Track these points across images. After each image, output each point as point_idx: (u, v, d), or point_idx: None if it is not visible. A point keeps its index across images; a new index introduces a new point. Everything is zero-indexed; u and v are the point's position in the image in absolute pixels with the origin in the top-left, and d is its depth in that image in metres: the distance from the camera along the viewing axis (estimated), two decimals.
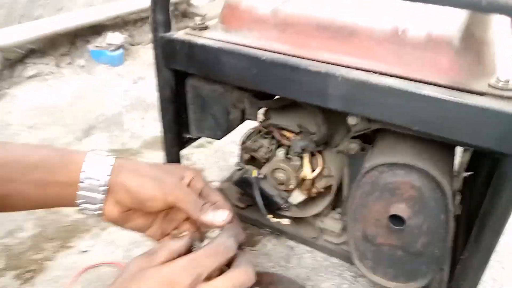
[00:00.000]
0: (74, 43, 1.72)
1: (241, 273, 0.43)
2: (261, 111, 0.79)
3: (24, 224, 0.93)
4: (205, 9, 2.06)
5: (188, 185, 0.52)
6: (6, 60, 1.53)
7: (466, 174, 0.83)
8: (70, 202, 0.48)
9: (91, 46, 1.75)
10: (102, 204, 0.48)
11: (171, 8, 0.67)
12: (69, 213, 0.96)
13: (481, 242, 0.54)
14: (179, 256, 0.43)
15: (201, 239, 0.54)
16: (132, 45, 1.90)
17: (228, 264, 0.44)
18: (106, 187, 0.47)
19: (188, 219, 0.54)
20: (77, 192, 0.47)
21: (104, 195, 0.48)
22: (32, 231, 0.91)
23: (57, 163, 0.47)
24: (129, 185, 0.47)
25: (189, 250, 0.46)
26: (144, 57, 1.87)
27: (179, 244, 0.44)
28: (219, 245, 0.44)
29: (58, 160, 0.47)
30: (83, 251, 0.86)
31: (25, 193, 0.46)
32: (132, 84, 1.66)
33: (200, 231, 0.54)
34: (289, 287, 0.75)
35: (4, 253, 0.85)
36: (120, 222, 0.51)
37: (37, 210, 0.97)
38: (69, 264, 0.83)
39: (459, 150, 0.92)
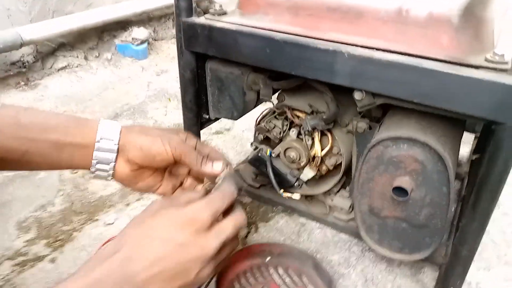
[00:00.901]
0: (101, 37, 1.81)
1: (241, 215, 0.51)
2: (275, 95, 0.84)
3: (54, 200, 1.01)
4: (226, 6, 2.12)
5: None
6: (38, 53, 1.63)
7: (473, 156, 0.86)
8: (83, 164, 0.54)
9: (117, 41, 1.84)
10: (114, 163, 0.54)
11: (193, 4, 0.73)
12: (96, 190, 1.03)
13: (478, 208, 0.57)
14: None
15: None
16: (156, 40, 1.98)
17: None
18: (118, 146, 0.53)
19: (189, 173, 0.62)
20: (94, 152, 0.52)
21: (116, 154, 0.53)
22: (61, 206, 0.99)
23: (73, 126, 0.52)
24: (140, 143, 0.53)
25: None
26: (167, 51, 1.95)
27: (197, 194, 0.50)
28: (226, 190, 0.51)
29: (75, 124, 0.53)
30: (108, 224, 0.92)
31: (43, 152, 0.51)
32: (156, 76, 1.73)
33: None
34: (299, 257, 0.79)
35: (36, 224, 0.93)
36: (131, 181, 0.57)
37: (65, 187, 1.05)
38: (95, 235, 0.90)
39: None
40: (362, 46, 0.58)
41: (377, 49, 0.57)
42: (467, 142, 1.22)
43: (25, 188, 1.04)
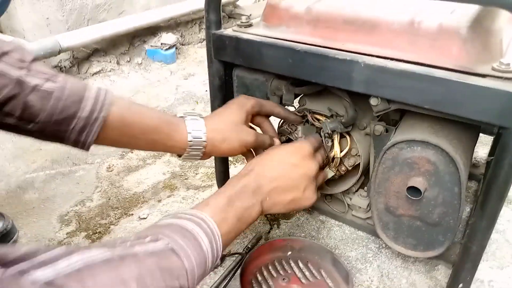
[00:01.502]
0: (132, 43, 1.91)
1: (325, 154, 0.82)
2: (297, 99, 0.89)
3: (92, 195, 1.09)
4: (249, 10, 2.19)
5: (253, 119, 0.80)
6: (74, 59, 1.73)
7: (489, 158, 0.89)
8: (173, 153, 0.72)
9: (147, 46, 1.93)
10: (201, 155, 0.71)
11: None
12: (130, 187, 1.12)
13: (486, 207, 0.61)
14: None
15: None
16: (183, 44, 2.06)
17: None
18: (204, 150, 0.69)
19: None
20: (187, 149, 0.68)
21: (204, 149, 0.69)
22: (99, 201, 1.07)
23: (165, 132, 0.66)
24: (218, 146, 0.70)
25: None
26: (194, 56, 2.03)
27: None
28: (315, 135, 0.80)
29: (167, 128, 0.66)
30: (142, 218, 1.00)
31: (140, 145, 0.66)
32: (183, 80, 1.81)
33: None
34: (318, 252, 0.84)
35: (76, 218, 1.01)
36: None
37: (102, 184, 1.13)
38: (130, 228, 0.97)
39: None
40: (377, 56, 0.63)
41: (391, 59, 0.62)
42: (487, 144, 1.25)
43: (66, 184, 1.13)
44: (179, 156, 0.71)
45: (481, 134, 1.26)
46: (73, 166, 1.23)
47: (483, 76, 0.56)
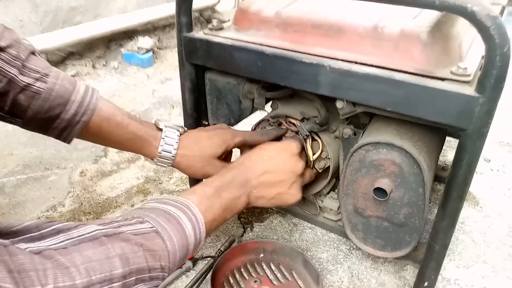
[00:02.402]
0: (108, 46, 1.89)
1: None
2: (269, 104, 0.90)
3: (64, 201, 1.07)
4: (228, 15, 2.20)
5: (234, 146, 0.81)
6: (49, 62, 1.70)
7: None
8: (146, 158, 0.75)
9: (123, 50, 1.92)
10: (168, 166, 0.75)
11: (197, 14, 0.80)
12: (103, 192, 1.10)
13: (447, 207, 0.63)
14: None
15: None
16: (161, 48, 2.06)
17: None
18: (171, 163, 0.74)
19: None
20: (155, 159, 0.73)
21: (171, 164, 0.74)
22: (71, 206, 1.05)
23: (138, 145, 0.71)
24: (183, 169, 0.75)
25: None
26: (171, 60, 2.02)
27: None
28: (299, 137, 0.83)
29: (139, 143, 0.71)
30: None
31: (114, 147, 0.73)
32: (160, 84, 1.80)
33: None
34: (289, 254, 0.85)
35: None
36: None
37: (75, 189, 1.12)
38: None
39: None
40: (342, 60, 0.65)
41: (356, 63, 0.63)
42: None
43: (37, 189, 1.11)
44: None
45: (451, 139, 1.30)
46: (45, 171, 1.20)
47: (442, 79, 0.58)
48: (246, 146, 0.81)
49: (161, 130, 0.73)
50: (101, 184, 1.14)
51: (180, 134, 0.74)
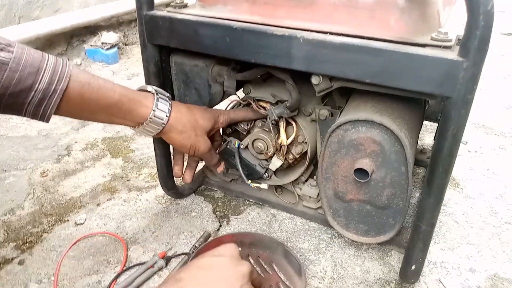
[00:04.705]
0: (70, 43, 1.79)
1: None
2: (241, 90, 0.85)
3: (23, 203, 0.99)
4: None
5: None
6: None
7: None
8: (129, 126, 0.68)
9: (86, 46, 1.82)
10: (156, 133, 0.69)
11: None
12: (66, 192, 1.02)
13: (433, 184, 0.59)
14: None
15: None
16: (126, 44, 1.97)
17: None
18: (164, 126, 0.68)
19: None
20: (144, 123, 0.66)
21: (160, 130, 0.68)
22: (31, 209, 0.97)
23: (125, 107, 0.64)
24: (173, 135, 0.70)
25: None
26: (138, 55, 1.94)
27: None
28: None
29: (127, 105, 0.64)
30: (79, 223, 0.91)
31: (99, 119, 0.65)
32: (127, 80, 1.72)
33: None
34: (269, 246, 0.80)
35: (4, 228, 0.91)
36: None
37: (35, 190, 1.03)
38: (65, 235, 0.88)
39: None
40: (315, 31, 0.60)
41: (330, 33, 0.59)
42: (433, 131, 1.27)
43: None
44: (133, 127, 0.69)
45: (428, 123, 1.29)
46: (2, 172, 1.11)
47: (423, 46, 0.54)
48: (232, 122, 0.82)
49: (149, 92, 0.69)
50: (64, 184, 1.06)
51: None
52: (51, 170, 1.12)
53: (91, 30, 1.83)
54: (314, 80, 0.64)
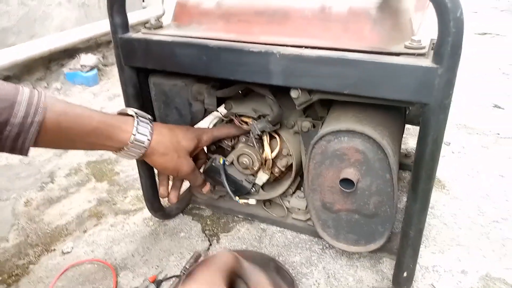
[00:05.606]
0: (49, 67, 1.77)
1: None
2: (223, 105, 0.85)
3: (7, 235, 0.96)
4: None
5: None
6: None
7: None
8: (111, 151, 0.66)
9: (65, 69, 1.80)
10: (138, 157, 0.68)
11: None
12: (51, 221, 1.00)
13: (417, 189, 0.60)
14: None
15: None
16: (106, 65, 1.96)
17: None
18: (146, 149, 0.67)
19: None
20: (125, 148, 0.65)
21: (142, 154, 0.67)
22: (16, 240, 0.94)
23: (104, 134, 0.63)
24: (155, 159, 0.69)
25: None
26: (118, 76, 1.93)
27: None
28: None
29: (106, 132, 0.63)
30: (66, 252, 0.89)
31: (78, 147, 0.64)
32: (108, 101, 1.71)
33: None
34: (260, 262, 0.79)
35: None
36: None
37: (19, 221, 1.01)
38: (52, 265, 0.86)
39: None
40: (291, 46, 0.60)
41: (306, 47, 0.59)
42: (417, 135, 1.28)
43: None
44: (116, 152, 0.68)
45: (411, 126, 1.30)
46: None
47: (397, 54, 0.55)
48: (216, 140, 0.82)
49: (129, 115, 0.67)
50: (49, 212, 1.04)
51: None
52: (35, 199, 1.09)
53: (69, 53, 1.81)
54: (293, 94, 0.64)
